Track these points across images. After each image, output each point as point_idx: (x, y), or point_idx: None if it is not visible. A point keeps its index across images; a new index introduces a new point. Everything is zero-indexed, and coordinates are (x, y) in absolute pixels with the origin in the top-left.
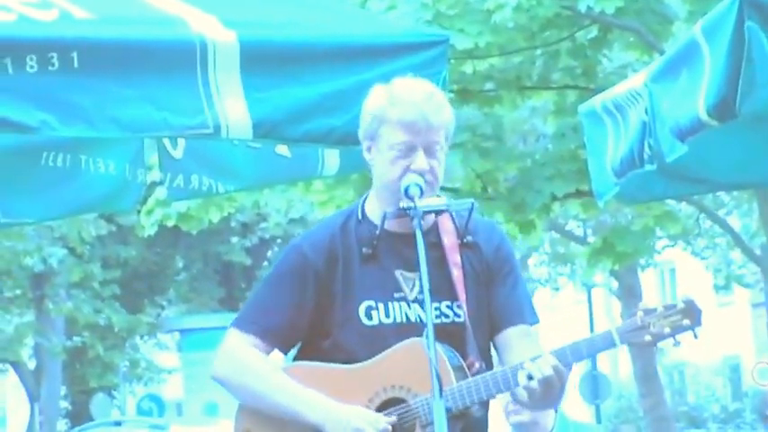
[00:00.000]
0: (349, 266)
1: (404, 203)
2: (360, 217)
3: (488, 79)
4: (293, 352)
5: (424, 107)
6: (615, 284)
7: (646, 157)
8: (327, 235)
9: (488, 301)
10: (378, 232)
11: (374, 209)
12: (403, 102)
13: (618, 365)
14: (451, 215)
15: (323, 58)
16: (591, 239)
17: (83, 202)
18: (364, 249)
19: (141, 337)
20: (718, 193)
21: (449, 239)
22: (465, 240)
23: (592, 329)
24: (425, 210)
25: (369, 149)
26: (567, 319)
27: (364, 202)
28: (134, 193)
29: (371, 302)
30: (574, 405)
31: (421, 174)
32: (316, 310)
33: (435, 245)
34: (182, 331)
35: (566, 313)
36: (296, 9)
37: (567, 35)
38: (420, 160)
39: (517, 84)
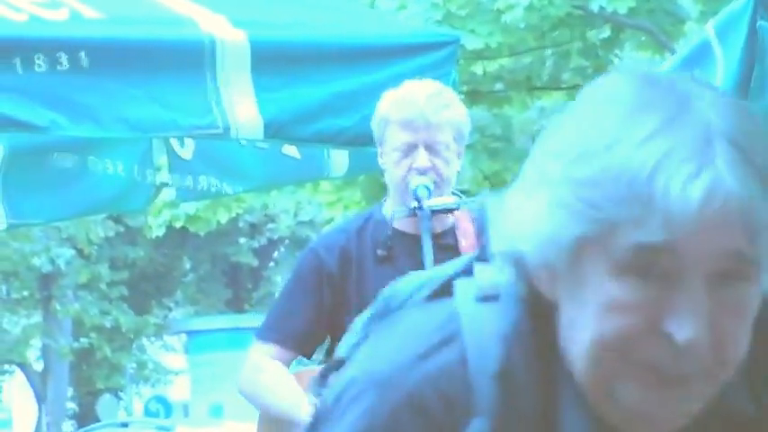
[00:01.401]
0: (363, 269)
1: (413, 204)
2: (377, 219)
3: (498, 80)
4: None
5: (422, 105)
6: None
7: None
8: (342, 237)
9: None
10: (389, 233)
11: (389, 212)
12: (404, 102)
13: None
14: (472, 216)
15: (332, 58)
16: None
17: (91, 203)
18: (378, 251)
19: (148, 338)
20: None
21: (467, 242)
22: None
23: None
24: (434, 209)
25: (381, 155)
26: None
27: (383, 205)
28: (143, 194)
29: None
30: None
31: (423, 172)
32: (333, 312)
33: (451, 247)
34: (188, 333)
35: None
36: (305, 9)
37: (578, 35)
38: (421, 158)
39: (527, 84)
